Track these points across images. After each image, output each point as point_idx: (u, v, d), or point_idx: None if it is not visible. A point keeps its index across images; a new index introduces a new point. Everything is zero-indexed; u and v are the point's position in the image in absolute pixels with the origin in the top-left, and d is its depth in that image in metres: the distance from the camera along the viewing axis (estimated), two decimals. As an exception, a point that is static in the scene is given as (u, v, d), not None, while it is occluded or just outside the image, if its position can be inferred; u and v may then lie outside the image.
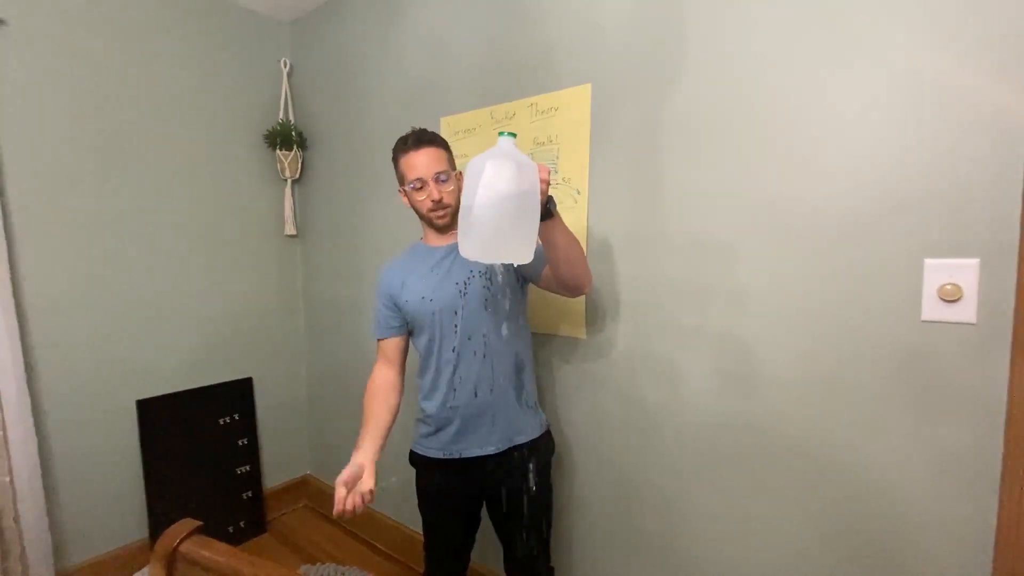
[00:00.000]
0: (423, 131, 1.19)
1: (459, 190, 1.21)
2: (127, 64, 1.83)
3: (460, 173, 1.25)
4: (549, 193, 0.92)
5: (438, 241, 1.25)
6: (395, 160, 1.21)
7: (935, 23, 0.90)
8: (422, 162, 1.15)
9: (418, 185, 1.16)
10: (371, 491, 1.07)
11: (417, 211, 1.22)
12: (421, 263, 1.24)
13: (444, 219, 1.20)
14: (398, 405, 1.27)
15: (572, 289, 1.14)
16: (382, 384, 1.27)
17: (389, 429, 1.23)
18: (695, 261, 1.21)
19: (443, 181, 1.16)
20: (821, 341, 1.06)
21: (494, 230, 0.85)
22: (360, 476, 1.09)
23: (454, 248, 1.21)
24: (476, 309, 1.17)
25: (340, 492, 1.05)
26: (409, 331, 1.27)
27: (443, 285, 1.19)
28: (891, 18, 0.94)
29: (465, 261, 1.18)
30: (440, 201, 1.16)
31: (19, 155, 1.62)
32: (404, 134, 1.20)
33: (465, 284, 1.18)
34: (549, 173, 0.90)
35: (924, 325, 0.94)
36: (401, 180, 1.21)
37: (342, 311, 2.23)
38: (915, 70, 0.93)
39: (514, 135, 0.89)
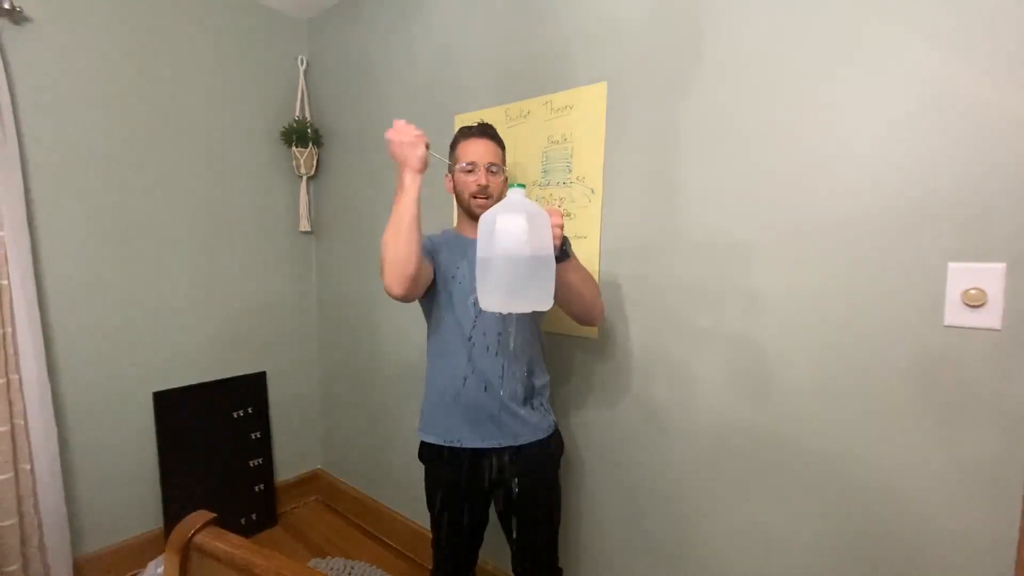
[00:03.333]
0: (489, 125, 1.27)
1: (503, 188, 1.26)
2: (148, 60, 1.86)
3: (506, 179, 1.30)
4: (564, 235, 0.96)
5: (472, 233, 1.22)
6: (453, 144, 1.26)
7: (959, 29, 0.88)
8: (480, 150, 1.21)
9: (469, 168, 1.21)
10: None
11: (459, 195, 1.24)
12: (452, 246, 1.26)
13: (483, 207, 1.18)
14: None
15: (583, 322, 1.21)
16: None
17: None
18: (710, 263, 1.20)
19: (493, 172, 1.22)
20: (839, 345, 1.04)
21: (510, 283, 0.88)
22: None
23: None
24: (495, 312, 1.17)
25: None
26: (431, 284, 1.22)
27: (465, 274, 1.21)
28: (915, 25, 0.92)
29: None
30: (485, 187, 1.20)
31: (42, 149, 1.65)
32: (469, 125, 1.26)
33: None
34: (562, 217, 0.93)
35: (947, 330, 0.92)
36: (452, 162, 1.25)
37: (355, 306, 2.24)
38: (939, 75, 0.90)
39: (523, 186, 0.93)
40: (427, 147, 1.05)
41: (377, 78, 2.01)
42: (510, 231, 0.86)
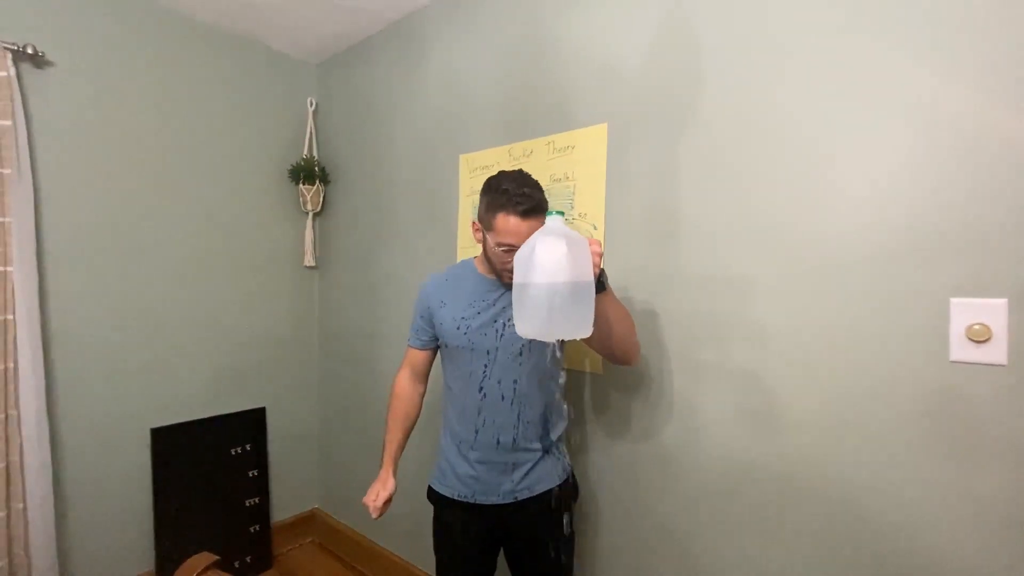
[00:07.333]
0: (539, 201, 1.08)
1: None
2: (163, 101, 1.93)
3: None
4: (601, 266, 0.93)
5: (489, 271, 1.20)
6: (494, 208, 1.08)
7: (958, 62, 0.92)
8: (525, 231, 1.04)
9: (508, 248, 1.07)
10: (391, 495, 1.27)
11: (491, 260, 1.15)
12: (467, 286, 1.21)
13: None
14: (416, 419, 1.35)
15: (618, 360, 1.14)
16: (406, 399, 1.32)
17: (405, 442, 1.33)
18: (714, 298, 1.20)
19: None
20: (845, 381, 1.03)
21: (549, 310, 0.84)
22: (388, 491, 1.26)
23: (501, 287, 1.18)
24: (511, 355, 1.15)
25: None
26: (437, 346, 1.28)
27: (481, 320, 1.16)
28: (913, 57, 0.96)
29: (508, 304, 1.15)
30: None
31: (55, 186, 1.69)
32: (516, 186, 1.06)
33: (504, 326, 1.15)
34: (600, 245, 0.91)
35: (953, 366, 0.92)
36: (487, 225, 1.11)
37: (357, 343, 2.24)
38: (938, 108, 0.93)
39: (562, 213, 0.90)
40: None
41: (384, 119, 2.07)
42: (550, 257, 0.84)
